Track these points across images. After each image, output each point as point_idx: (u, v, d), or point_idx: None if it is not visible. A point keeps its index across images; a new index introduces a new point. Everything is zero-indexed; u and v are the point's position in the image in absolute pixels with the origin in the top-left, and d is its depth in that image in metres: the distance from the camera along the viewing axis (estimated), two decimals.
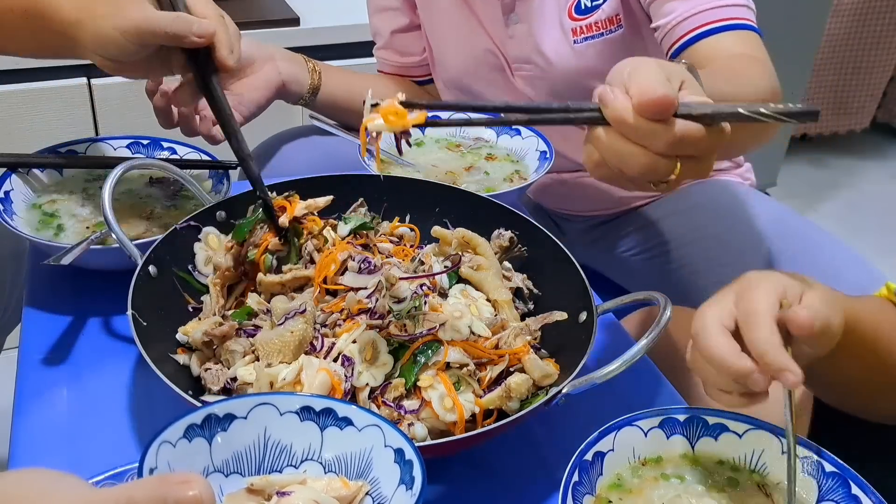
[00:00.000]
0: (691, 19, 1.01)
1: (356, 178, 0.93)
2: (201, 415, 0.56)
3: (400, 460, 0.57)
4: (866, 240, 2.46)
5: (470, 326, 0.76)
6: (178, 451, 0.54)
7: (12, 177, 0.96)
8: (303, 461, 0.60)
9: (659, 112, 0.60)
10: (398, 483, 0.56)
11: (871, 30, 2.81)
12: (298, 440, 0.60)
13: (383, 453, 0.58)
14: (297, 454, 0.60)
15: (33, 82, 1.68)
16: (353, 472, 0.59)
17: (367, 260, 0.80)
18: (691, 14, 1.01)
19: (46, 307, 0.88)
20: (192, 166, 1.03)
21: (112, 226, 0.78)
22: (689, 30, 1.01)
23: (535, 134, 1.14)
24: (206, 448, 0.57)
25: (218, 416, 0.57)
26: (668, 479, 0.67)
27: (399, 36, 1.35)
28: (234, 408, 0.58)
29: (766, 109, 0.62)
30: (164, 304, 0.78)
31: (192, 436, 0.56)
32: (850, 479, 0.64)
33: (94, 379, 0.80)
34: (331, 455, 0.60)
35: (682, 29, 1.02)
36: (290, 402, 0.60)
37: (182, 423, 0.55)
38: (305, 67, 1.25)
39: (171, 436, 0.54)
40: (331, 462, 0.60)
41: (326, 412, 0.60)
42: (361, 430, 0.59)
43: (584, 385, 0.70)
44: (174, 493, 0.43)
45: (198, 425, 0.56)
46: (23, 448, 0.72)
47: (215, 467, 0.57)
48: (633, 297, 0.80)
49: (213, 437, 0.57)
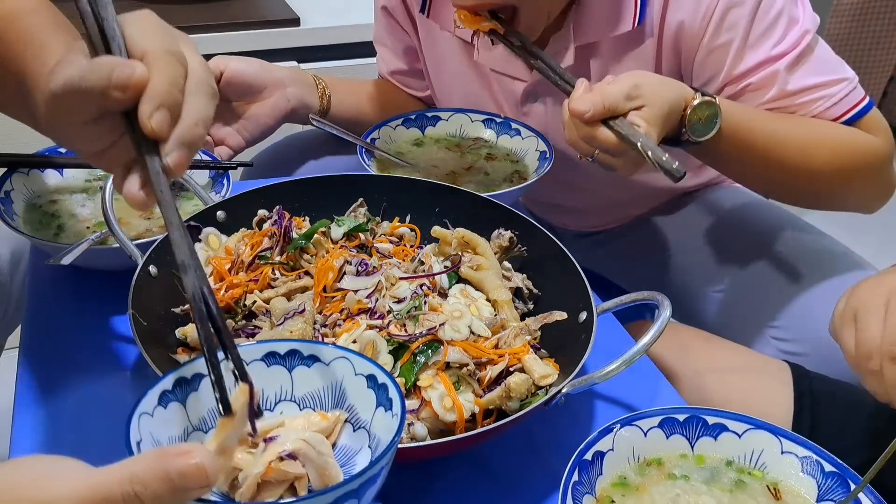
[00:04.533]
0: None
1: (356, 178, 0.93)
2: (171, 380, 0.57)
3: (374, 385, 0.59)
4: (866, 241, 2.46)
5: (470, 326, 0.76)
6: (157, 419, 0.55)
7: (12, 177, 0.96)
8: (277, 403, 0.62)
9: (574, 115, 0.85)
10: (375, 406, 0.58)
11: (871, 30, 2.81)
12: (269, 385, 0.61)
13: (355, 381, 0.60)
14: (269, 398, 0.62)
15: None
16: (329, 404, 0.61)
17: (363, 262, 0.80)
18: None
19: (46, 307, 0.88)
20: (193, 166, 1.02)
21: (112, 226, 0.78)
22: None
23: (535, 134, 1.14)
24: (182, 410, 0.57)
25: (186, 378, 0.58)
26: (675, 479, 0.67)
27: (398, 76, 1.34)
28: (200, 367, 0.57)
29: (649, 150, 0.81)
30: (164, 304, 0.78)
31: (166, 402, 0.56)
32: (849, 479, 0.64)
33: (94, 379, 0.80)
34: (303, 392, 0.62)
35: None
36: (253, 351, 0.61)
37: (155, 392, 0.56)
38: (315, 91, 1.23)
39: (146, 406, 0.55)
40: (304, 399, 0.62)
41: (291, 354, 0.61)
42: (329, 363, 0.61)
43: (584, 385, 0.70)
44: (175, 464, 0.43)
45: (169, 391, 0.57)
46: (23, 448, 0.72)
47: (194, 427, 0.58)
48: (633, 297, 0.80)
49: (186, 398, 0.57)
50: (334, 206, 0.91)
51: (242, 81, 1.16)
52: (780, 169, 0.99)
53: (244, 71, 1.15)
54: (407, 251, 0.86)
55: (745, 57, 0.99)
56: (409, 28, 1.25)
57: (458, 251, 0.85)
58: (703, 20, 0.99)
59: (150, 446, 0.53)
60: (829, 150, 0.99)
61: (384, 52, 1.33)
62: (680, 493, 0.66)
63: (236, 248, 0.84)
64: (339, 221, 0.87)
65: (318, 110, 1.23)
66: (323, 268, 0.79)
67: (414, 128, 1.20)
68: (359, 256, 0.82)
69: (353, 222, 0.87)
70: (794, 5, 1.00)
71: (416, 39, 1.25)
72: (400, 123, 1.19)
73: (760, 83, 0.99)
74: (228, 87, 1.15)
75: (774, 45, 0.98)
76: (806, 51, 0.99)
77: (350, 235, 0.86)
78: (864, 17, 2.77)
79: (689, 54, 1.03)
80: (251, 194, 0.89)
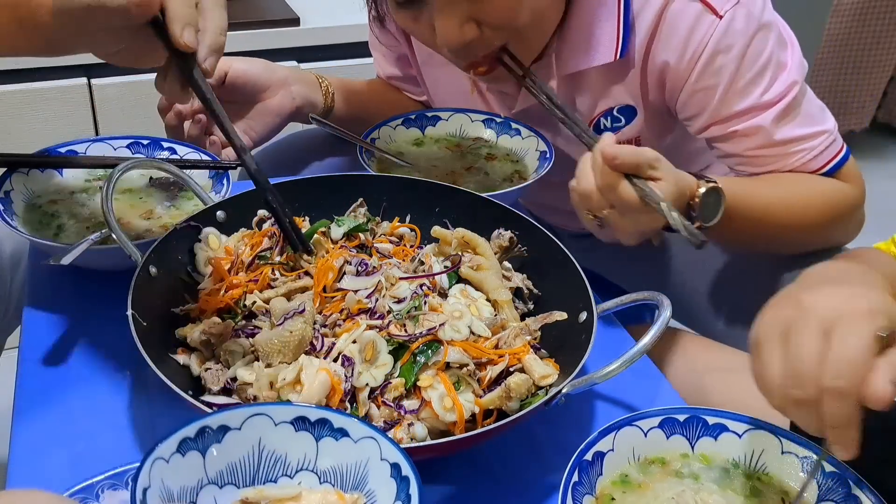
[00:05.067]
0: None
1: (356, 178, 0.93)
2: (195, 428, 0.56)
3: (396, 476, 0.56)
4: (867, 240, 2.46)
5: (470, 326, 0.76)
6: (172, 466, 0.54)
7: (12, 177, 0.96)
8: (298, 471, 0.59)
9: (606, 157, 0.81)
10: (395, 499, 0.56)
11: (871, 30, 2.81)
12: (293, 450, 0.59)
13: (379, 466, 0.57)
14: (291, 464, 0.59)
15: (33, 82, 1.68)
16: (349, 483, 0.59)
17: (363, 262, 0.80)
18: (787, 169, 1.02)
19: (46, 307, 0.88)
20: (192, 166, 1.03)
21: (112, 226, 0.78)
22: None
23: (535, 134, 1.14)
24: (200, 461, 0.56)
25: (212, 429, 0.56)
26: (682, 477, 0.67)
27: (394, 81, 1.34)
28: (229, 419, 0.57)
29: (673, 213, 0.80)
30: (164, 304, 0.78)
31: (185, 450, 0.55)
32: (849, 479, 0.64)
33: (93, 379, 0.80)
34: (326, 465, 0.59)
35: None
36: (284, 412, 0.59)
37: (175, 438, 0.54)
38: (319, 89, 1.23)
39: (164, 452, 0.53)
40: (326, 472, 0.59)
41: (321, 423, 0.59)
42: (357, 441, 0.58)
43: (584, 385, 0.70)
44: None
45: (191, 438, 0.55)
46: (23, 448, 0.72)
47: (209, 479, 0.56)
48: (633, 297, 0.80)
49: (207, 449, 0.56)
50: (334, 206, 0.91)
51: (246, 82, 1.15)
52: (778, 230, 1.02)
53: (248, 71, 1.15)
54: (407, 251, 0.86)
55: (732, 102, 1.00)
56: (400, 37, 1.25)
57: (458, 251, 0.85)
58: (690, 63, 0.99)
59: (157, 494, 0.52)
60: (820, 204, 1.03)
61: (379, 57, 1.33)
62: (685, 490, 0.65)
63: (236, 249, 0.84)
64: (338, 221, 0.87)
65: (322, 108, 1.23)
66: (323, 268, 0.79)
67: (414, 128, 1.20)
68: (359, 256, 0.82)
69: (353, 222, 0.87)
70: (783, 50, 1.00)
71: (407, 48, 1.25)
72: (400, 123, 1.19)
73: (746, 131, 1.01)
74: (233, 88, 1.15)
75: (762, 94, 0.99)
76: (793, 104, 1.00)
77: (350, 235, 0.86)
78: (864, 17, 2.77)
79: (673, 92, 1.04)
80: (251, 194, 0.88)
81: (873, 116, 3.06)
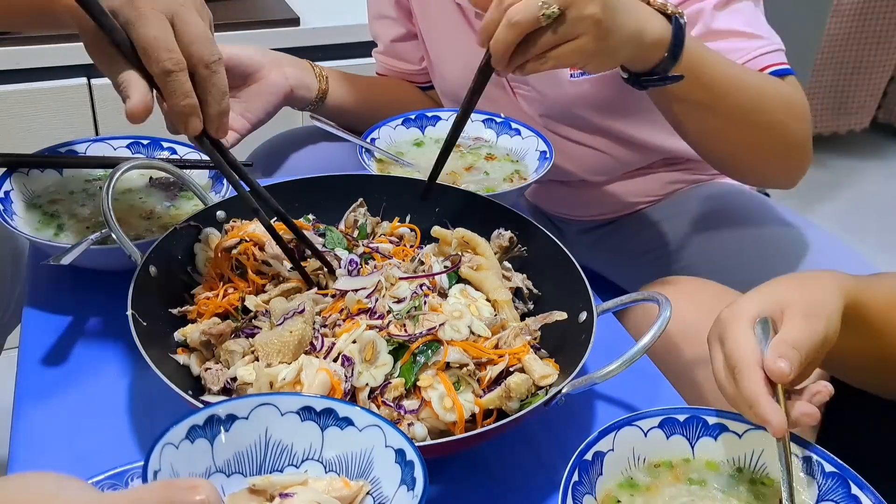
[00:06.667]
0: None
1: (356, 178, 0.93)
2: (203, 416, 0.56)
3: (401, 461, 0.57)
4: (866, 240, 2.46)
5: (470, 326, 0.76)
6: (181, 452, 0.54)
7: (12, 177, 0.96)
8: (304, 461, 0.60)
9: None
10: (399, 483, 0.56)
11: (871, 30, 2.81)
12: (299, 440, 0.60)
13: (384, 453, 0.58)
14: (297, 454, 0.60)
15: (33, 82, 1.68)
16: (354, 471, 0.60)
17: (352, 261, 0.80)
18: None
19: (46, 307, 0.88)
20: (192, 166, 1.03)
21: (112, 226, 0.78)
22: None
23: (535, 134, 1.14)
24: (208, 448, 0.57)
25: (220, 417, 0.57)
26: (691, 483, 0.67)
27: (398, 44, 1.35)
28: (236, 408, 0.58)
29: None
30: (164, 305, 0.78)
31: (194, 437, 0.56)
32: (849, 479, 0.64)
33: (94, 379, 0.80)
34: (332, 454, 0.60)
35: None
36: (290, 402, 0.60)
37: (185, 425, 0.55)
38: (313, 73, 1.25)
39: (173, 437, 0.54)
40: (332, 461, 0.60)
41: (327, 412, 0.60)
42: (362, 430, 0.59)
43: (584, 385, 0.70)
44: (181, 497, 0.43)
45: (200, 426, 0.56)
46: (23, 448, 0.72)
47: (217, 467, 0.57)
48: (633, 297, 0.80)
49: (216, 437, 0.57)
50: (334, 206, 0.91)
51: (239, 64, 1.16)
52: (735, 105, 0.96)
53: (239, 54, 1.16)
54: (407, 251, 0.86)
55: None
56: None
57: (458, 251, 0.85)
58: None
59: (167, 478, 0.53)
60: (773, 93, 0.99)
61: (380, 25, 1.34)
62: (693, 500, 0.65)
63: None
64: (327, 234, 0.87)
65: (316, 91, 1.24)
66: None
67: (414, 128, 1.20)
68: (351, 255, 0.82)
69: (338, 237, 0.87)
70: None
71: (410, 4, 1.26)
72: (400, 123, 1.19)
73: (690, 17, 0.98)
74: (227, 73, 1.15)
75: None
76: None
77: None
78: (864, 17, 2.77)
79: None
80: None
81: (873, 116, 3.06)
